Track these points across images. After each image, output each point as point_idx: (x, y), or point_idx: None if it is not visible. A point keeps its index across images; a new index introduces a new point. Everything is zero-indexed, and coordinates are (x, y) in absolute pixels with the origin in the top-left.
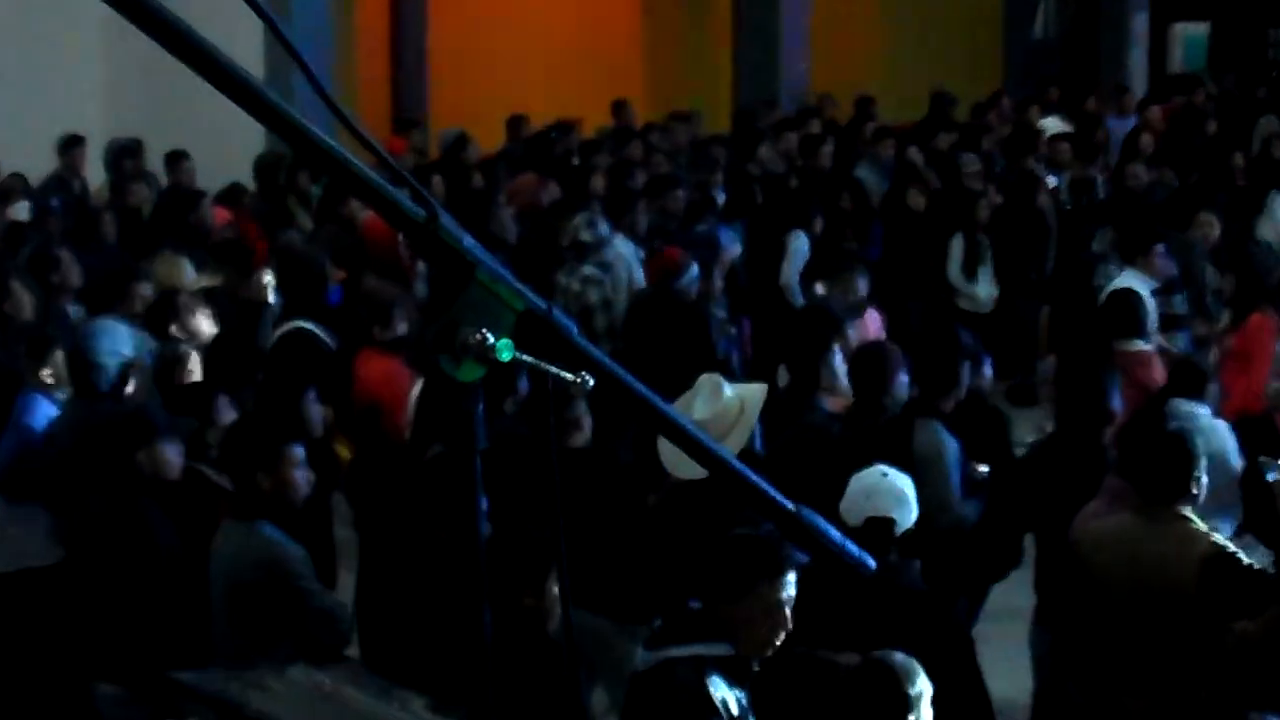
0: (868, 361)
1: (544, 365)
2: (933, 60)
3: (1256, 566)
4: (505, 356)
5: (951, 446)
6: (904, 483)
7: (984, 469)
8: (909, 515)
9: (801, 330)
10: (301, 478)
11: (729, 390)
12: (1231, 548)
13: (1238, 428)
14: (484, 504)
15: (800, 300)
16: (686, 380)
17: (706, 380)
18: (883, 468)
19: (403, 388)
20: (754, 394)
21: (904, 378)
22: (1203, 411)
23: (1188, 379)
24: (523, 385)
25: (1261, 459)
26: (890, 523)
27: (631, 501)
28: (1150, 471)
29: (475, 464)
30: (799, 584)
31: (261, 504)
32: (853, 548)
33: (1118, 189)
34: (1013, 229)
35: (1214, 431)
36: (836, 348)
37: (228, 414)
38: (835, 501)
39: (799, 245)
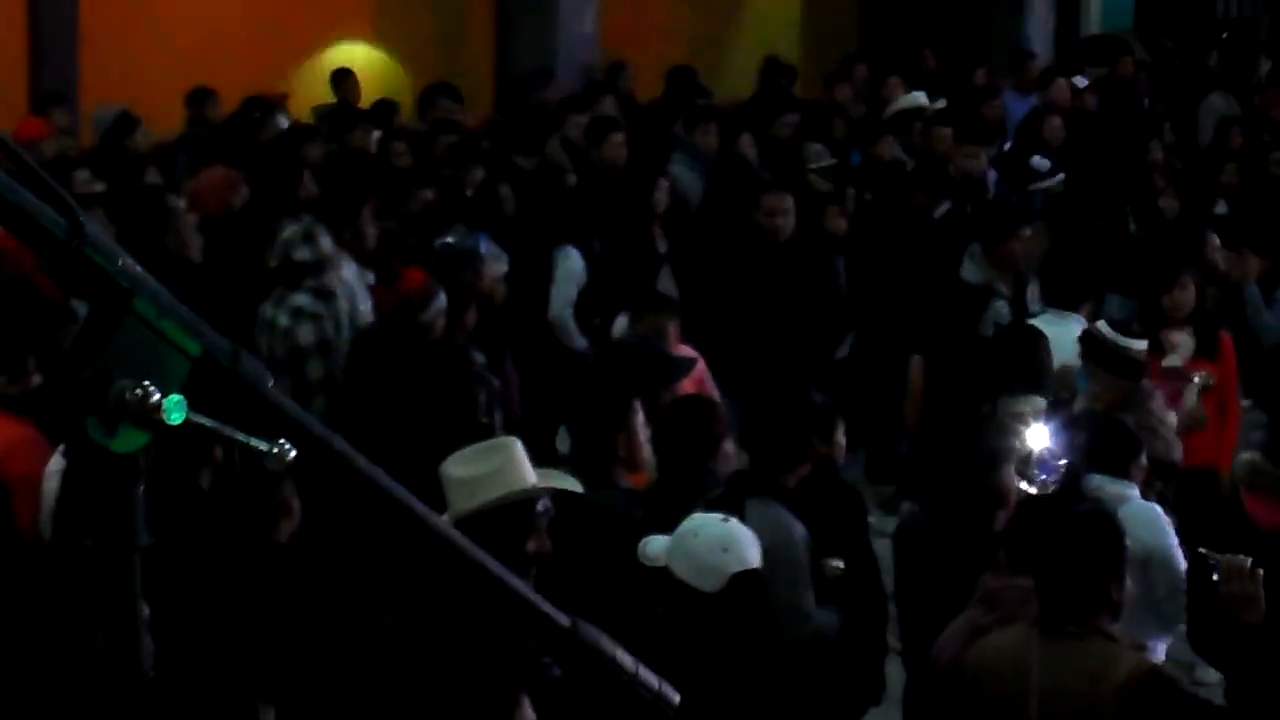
0: (681, 422)
1: (229, 430)
2: (765, 17)
3: (1202, 695)
4: (176, 418)
5: (799, 535)
6: (740, 524)
7: (839, 564)
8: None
9: (590, 381)
10: None
11: (526, 464)
12: (1166, 673)
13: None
14: (146, 615)
15: (579, 340)
16: (433, 449)
17: (504, 440)
18: (712, 515)
19: (36, 462)
20: (561, 483)
21: (729, 446)
22: (1131, 493)
23: (1111, 447)
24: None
25: (1202, 551)
26: (758, 575)
27: (365, 619)
28: (1054, 572)
29: (133, 566)
30: None
31: None
32: (650, 676)
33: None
34: (876, 245)
35: (1146, 519)
36: (638, 404)
37: None
38: (631, 609)
39: (569, 265)
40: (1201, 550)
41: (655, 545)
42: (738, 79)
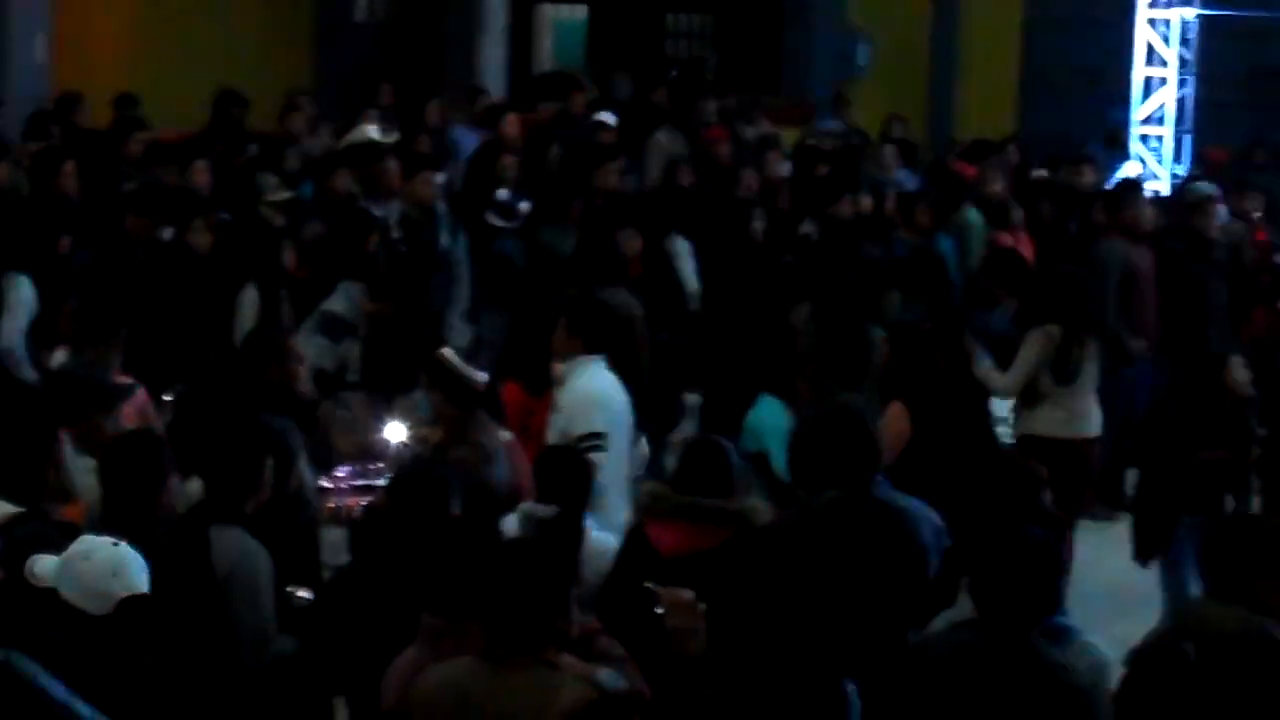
0: (124, 457)
1: None
2: (220, 49)
3: None
4: None
5: (263, 562)
6: (130, 549)
7: (306, 594)
8: None
9: (17, 412)
10: None
11: None
12: (610, 703)
13: None
14: None
15: (28, 371)
16: None
17: None
18: (102, 538)
19: None
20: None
21: (175, 480)
22: (587, 524)
23: (558, 477)
24: None
25: (647, 585)
26: (148, 600)
27: None
28: (499, 603)
29: None
30: None
31: None
32: (86, 709)
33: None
34: (323, 283)
35: (598, 551)
36: (65, 435)
37: None
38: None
39: (19, 294)
40: (647, 584)
41: (43, 565)
42: (193, 109)
